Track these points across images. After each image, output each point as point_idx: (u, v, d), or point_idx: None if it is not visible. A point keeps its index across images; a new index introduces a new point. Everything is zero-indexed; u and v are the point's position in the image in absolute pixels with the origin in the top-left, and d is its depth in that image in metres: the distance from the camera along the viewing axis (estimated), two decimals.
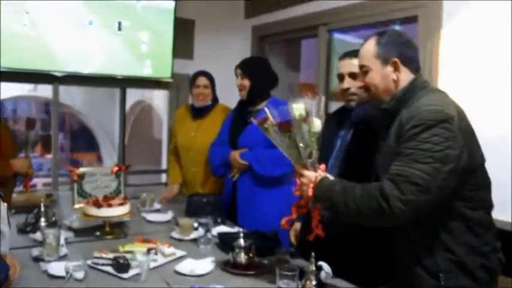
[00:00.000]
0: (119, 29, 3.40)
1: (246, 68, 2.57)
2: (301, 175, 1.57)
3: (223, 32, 4.12)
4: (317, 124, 1.53)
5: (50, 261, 1.70)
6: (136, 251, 1.80)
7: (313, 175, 1.54)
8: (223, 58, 4.09)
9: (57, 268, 1.63)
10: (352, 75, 1.87)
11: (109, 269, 1.68)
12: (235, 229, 2.34)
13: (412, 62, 1.52)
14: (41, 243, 1.80)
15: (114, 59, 3.44)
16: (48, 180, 3.86)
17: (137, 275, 1.65)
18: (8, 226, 1.57)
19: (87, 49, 3.33)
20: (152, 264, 1.73)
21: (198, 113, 3.03)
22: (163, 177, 4.52)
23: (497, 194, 1.50)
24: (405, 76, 1.51)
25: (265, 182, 2.50)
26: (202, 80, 2.98)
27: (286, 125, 1.51)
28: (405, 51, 1.52)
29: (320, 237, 1.60)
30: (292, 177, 2.27)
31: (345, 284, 1.64)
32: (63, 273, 1.56)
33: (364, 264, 1.76)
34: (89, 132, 8.49)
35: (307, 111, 1.51)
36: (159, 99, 6.49)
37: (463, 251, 1.39)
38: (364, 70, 1.57)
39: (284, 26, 3.62)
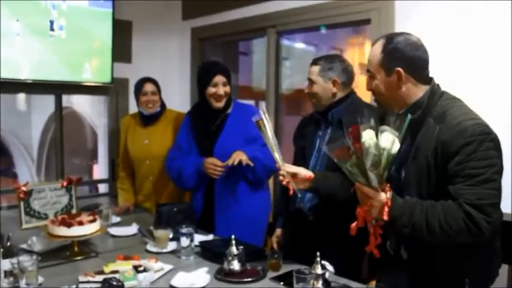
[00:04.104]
0: (51, 28, 3.10)
1: (229, 75, 2.40)
2: (370, 197, 1.39)
3: (162, 34, 3.97)
4: (396, 147, 1.37)
5: None
6: (123, 270, 1.68)
7: (384, 197, 1.38)
8: (162, 61, 3.96)
9: None
10: (309, 80, 2.06)
11: None
12: (210, 237, 2.29)
13: (421, 71, 1.47)
14: (10, 273, 1.60)
15: (48, 63, 3.14)
16: None
17: None
18: None
19: (16, 53, 2.99)
20: (144, 283, 1.63)
21: (149, 120, 2.91)
22: (102, 188, 4.24)
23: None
24: (414, 87, 1.46)
25: (247, 185, 2.39)
26: (150, 87, 2.88)
27: (343, 153, 1.39)
28: (414, 60, 1.45)
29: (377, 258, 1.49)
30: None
31: (345, 281, 1.68)
32: None
33: (354, 260, 1.83)
34: (2, 144, 7.65)
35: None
36: (84, 104, 6.04)
37: (487, 254, 1.44)
38: (369, 75, 1.53)
39: (228, 28, 3.58)
